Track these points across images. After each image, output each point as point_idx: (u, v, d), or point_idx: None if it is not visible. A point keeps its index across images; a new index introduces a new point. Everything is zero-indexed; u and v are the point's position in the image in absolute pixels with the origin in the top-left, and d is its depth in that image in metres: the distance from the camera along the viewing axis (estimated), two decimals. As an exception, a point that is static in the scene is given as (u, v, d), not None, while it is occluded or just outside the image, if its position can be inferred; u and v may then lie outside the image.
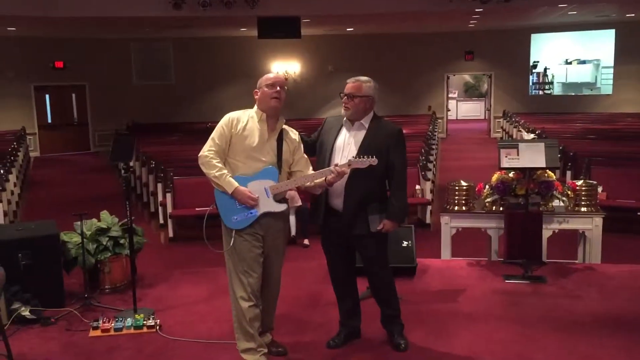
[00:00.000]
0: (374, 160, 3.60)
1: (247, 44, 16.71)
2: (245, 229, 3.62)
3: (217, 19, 12.23)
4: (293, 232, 7.20)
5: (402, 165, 3.84)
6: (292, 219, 7.07)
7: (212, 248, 3.68)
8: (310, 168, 3.78)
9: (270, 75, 3.77)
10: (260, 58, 17.37)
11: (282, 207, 3.70)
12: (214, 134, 3.67)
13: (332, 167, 3.61)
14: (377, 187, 3.82)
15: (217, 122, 3.74)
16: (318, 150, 3.92)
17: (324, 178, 3.63)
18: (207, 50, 17.21)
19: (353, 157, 3.63)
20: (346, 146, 3.82)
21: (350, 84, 3.82)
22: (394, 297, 4.07)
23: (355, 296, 4.13)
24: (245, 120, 3.68)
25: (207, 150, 3.64)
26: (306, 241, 7.35)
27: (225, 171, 3.61)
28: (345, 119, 3.87)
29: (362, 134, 3.82)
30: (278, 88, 3.65)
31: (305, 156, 3.83)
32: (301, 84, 17.40)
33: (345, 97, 3.79)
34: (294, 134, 3.82)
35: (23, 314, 4.50)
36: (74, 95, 16.99)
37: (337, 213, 3.81)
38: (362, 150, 3.72)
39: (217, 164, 3.61)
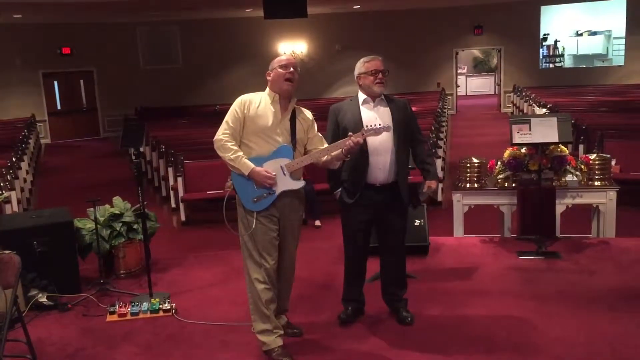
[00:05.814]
0: (388, 128, 3.72)
1: (253, 24, 16.58)
2: (262, 211, 3.62)
3: (222, 0, 12.14)
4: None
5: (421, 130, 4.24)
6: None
7: (233, 231, 3.70)
8: (325, 145, 3.76)
9: (283, 57, 3.78)
10: (267, 39, 17.25)
11: (299, 185, 3.71)
12: (228, 117, 3.67)
13: (346, 139, 3.59)
14: (409, 155, 4.10)
15: (226, 104, 3.75)
16: (341, 134, 3.86)
17: (340, 150, 3.62)
18: (213, 33, 17.10)
19: (366, 126, 3.69)
20: (377, 120, 3.84)
21: (379, 61, 3.96)
22: (405, 274, 4.24)
23: (365, 275, 4.24)
24: (258, 101, 3.68)
25: (221, 133, 3.64)
26: (318, 222, 7.35)
27: (240, 153, 3.60)
28: (363, 97, 3.99)
29: (385, 108, 3.98)
30: (291, 69, 3.65)
31: (319, 134, 3.82)
32: (308, 63, 17.26)
33: (380, 73, 3.90)
34: (307, 113, 3.82)
35: (40, 300, 4.56)
36: (82, 81, 16.99)
37: (375, 187, 3.93)
38: (399, 123, 3.91)
39: (232, 146, 3.60)
